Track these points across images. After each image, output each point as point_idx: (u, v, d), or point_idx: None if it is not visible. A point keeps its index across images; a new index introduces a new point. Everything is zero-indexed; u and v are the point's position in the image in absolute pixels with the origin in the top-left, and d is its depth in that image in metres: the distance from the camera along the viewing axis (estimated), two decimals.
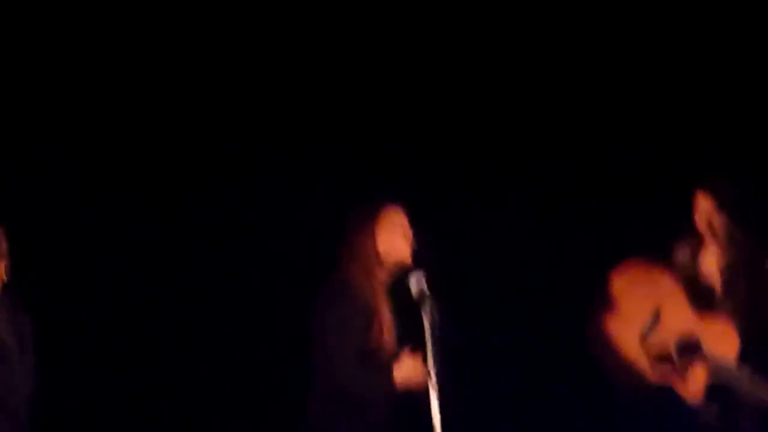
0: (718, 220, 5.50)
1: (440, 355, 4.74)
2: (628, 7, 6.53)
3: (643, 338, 5.52)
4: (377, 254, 5.23)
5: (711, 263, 5.62)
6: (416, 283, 4.85)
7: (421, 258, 5.22)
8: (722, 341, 5.43)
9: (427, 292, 4.82)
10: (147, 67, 6.41)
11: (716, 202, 5.50)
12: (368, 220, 5.26)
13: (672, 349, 5.50)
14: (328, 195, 6.19)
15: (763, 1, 6.41)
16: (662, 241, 5.68)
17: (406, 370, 5.08)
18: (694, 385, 5.46)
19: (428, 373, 4.78)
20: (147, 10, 6.36)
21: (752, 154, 6.16)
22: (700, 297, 5.51)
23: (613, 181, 6.47)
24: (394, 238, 5.24)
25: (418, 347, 4.92)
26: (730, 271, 5.55)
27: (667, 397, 5.46)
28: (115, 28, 6.35)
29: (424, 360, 4.71)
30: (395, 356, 5.14)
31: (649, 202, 6.25)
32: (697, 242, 5.63)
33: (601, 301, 5.59)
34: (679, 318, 5.49)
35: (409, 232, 5.27)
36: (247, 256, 6.44)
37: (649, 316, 5.54)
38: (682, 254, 5.64)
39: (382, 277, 5.24)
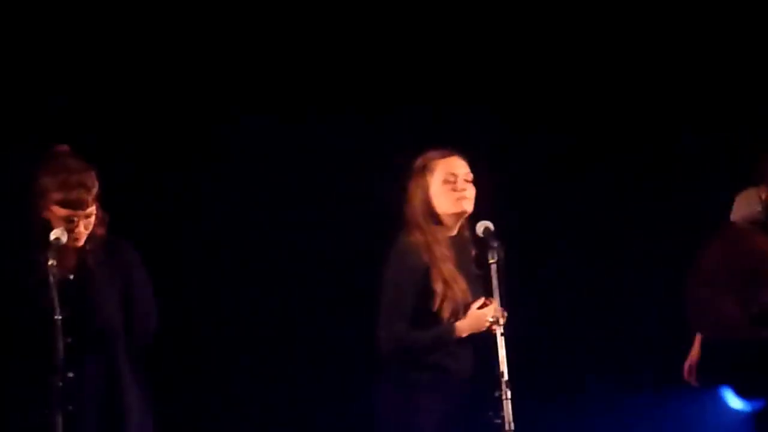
0: None
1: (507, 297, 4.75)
2: None
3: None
4: (430, 208, 5.10)
5: None
6: (483, 229, 4.92)
7: (487, 207, 5.13)
8: None
9: (493, 235, 4.83)
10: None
11: None
12: (418, 172, 5.13)
13: None
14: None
15: None
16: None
17: (473, 319, 5.00)
18: None
19: (496, 318, 4.77)
20: None
21: None
22: None
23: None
24: (444, 190, 5.08)
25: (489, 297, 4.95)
26: None
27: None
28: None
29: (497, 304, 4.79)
30: (464, 308, 5.05)
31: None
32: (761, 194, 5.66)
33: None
34: None
35: (462, 181, 5.09)
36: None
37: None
38: (746, 205, 5.68)
39: (441, 232, 5.09)
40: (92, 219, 4.74)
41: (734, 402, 6.19)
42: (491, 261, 4.80)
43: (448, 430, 4.99)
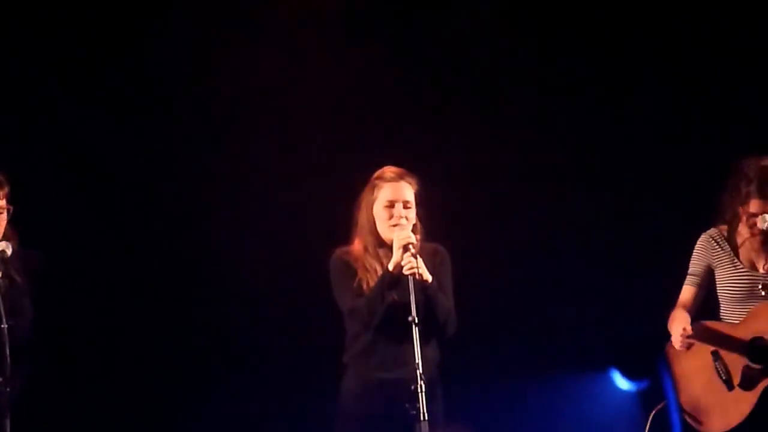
0: None
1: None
2: None
3: None
4: (373, 226, 5.38)
5: None
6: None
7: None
8: None
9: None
10: None
11: None
12: (368, 188, 5.41)
13: None
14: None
15: None
16: None
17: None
18: None
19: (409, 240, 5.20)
20: None
21: None
22: None
23: None
24: (383, 215, 5.33)
25: None
26: None
27: None
28: None
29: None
30: None
31: None
32: None
33: None
34: None
35: (399, 209, 5.32)
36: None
37: None
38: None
39: (383, 252, 5.37)
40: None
41: (621, 382, 6.72)
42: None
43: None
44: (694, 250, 5.71)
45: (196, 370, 6.61)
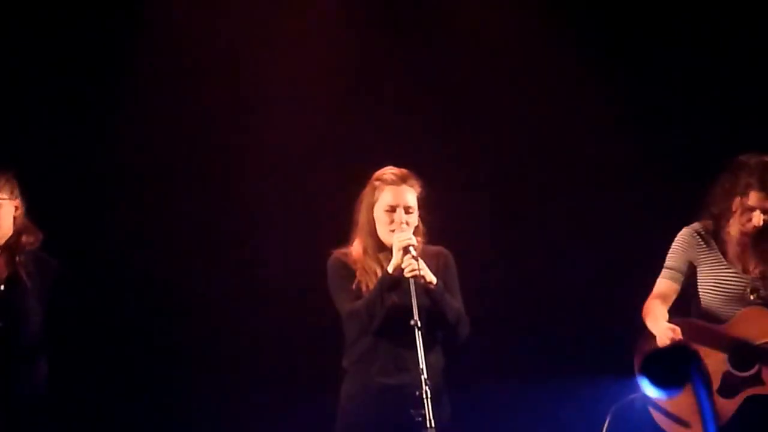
0: None
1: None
2: None
3: None
4: (373, 228, 5.30)
5: None
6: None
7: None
8: None
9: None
10: None
11: None
12: (369, 189, 5.32)
13: None
14: None
15: None
16: None
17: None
18: None
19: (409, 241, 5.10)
20: None
21: None
22: None
23: None
24: (384, 219, 5.26)
25: None
26: None
27: None
28: None
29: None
30: None
31: None
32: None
33: None
34: None
35: (401, 213, 5.24)
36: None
37: None
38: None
39: (383, 255, 5.28)
40: None
41: (649, 390, 6.45)
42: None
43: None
44: (675, 244, 5.52)
45: (195, 373, 6.59)
